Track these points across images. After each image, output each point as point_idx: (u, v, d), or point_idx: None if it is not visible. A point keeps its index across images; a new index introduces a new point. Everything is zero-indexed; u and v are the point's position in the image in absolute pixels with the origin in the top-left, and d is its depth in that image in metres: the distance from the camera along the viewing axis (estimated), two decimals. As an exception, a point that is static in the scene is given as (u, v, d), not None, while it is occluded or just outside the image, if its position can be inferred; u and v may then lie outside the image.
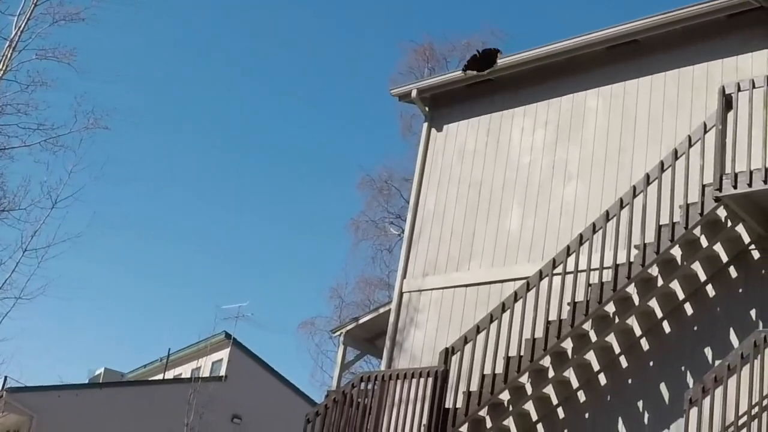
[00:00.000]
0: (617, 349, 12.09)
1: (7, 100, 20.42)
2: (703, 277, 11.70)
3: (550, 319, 11.81)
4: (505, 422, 12.41)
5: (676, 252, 11.51)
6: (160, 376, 36.69)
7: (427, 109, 16.42)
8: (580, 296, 11.70)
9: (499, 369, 11.99)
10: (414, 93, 16.25)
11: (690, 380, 11.19)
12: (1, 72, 20.12)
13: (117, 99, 45.42)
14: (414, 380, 12.65)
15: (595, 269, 11.83)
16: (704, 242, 11.47)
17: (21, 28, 20.66)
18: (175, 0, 54.44)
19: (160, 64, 59.60)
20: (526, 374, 12.08)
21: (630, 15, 14.03)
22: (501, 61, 15.22)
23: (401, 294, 15.22)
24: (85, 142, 20.88)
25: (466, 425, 12.16)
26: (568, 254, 11.93)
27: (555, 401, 12.43)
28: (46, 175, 25.03)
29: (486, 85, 15.60)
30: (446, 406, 12.28)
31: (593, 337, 11.94)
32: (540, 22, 50.04)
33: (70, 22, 21.46)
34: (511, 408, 12.30)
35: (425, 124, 16.45)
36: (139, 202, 60.92)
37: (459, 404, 12.26)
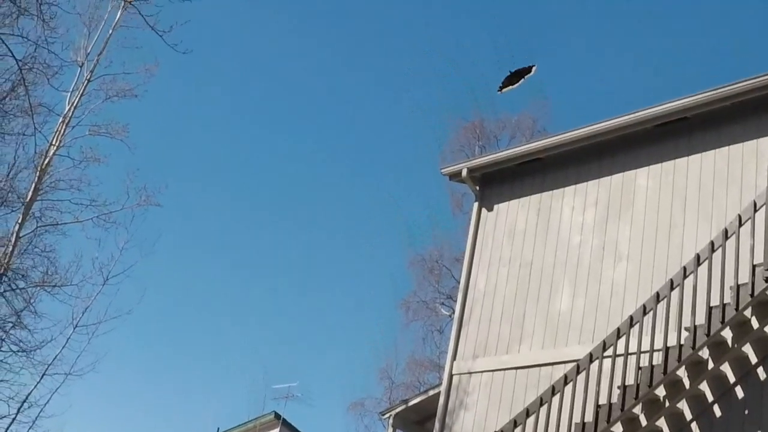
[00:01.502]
0: (669, 434, 11.80)
1: (60, 175, 20.81)
2: (753, 359, 11.39)
3: (600, 402, 11.58)
4: None
5: (727, 334, 11.25)
6: (209, 456, 36.50)
7: (477, 188, 16.36)
8: (630, 379, 11.46)
9: (549, 454, 11.74)
10: (464, 172, 16.20)
11: (744, 465, 10.86)
12: (55, 147, 20.48)
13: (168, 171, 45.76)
14: (463, 465, 12.45)
15: (645, 351, 11.60)
16: (755, 323, 11.19)
17: (74, 104, 21.05)
18: (226, 69, 54.97)
19: (225, 134, 60.13)
20: (577, 459, 11.83)
21: (679, 92, 13.90)
22: (549, 140, 15.18)
23: (451, 376, 15.02)
24: (137, 219, 21.19)
25: None
26: (619, 336, 11.70)
27: (607, 488, 12.12)
28: (97, 251, 25.39)
29: (536, 164, 15.54)
30: (496, 492, 12.07)
31: (643, 421, 11.66)
32: (589, 100, 49.85)
33: (123, 98, 21.83)
34: (561, 494, 12.03)
35: (475, 204, 16.37)
36: (184, 277, 61.07)
37: (508, 490, 12.03)
